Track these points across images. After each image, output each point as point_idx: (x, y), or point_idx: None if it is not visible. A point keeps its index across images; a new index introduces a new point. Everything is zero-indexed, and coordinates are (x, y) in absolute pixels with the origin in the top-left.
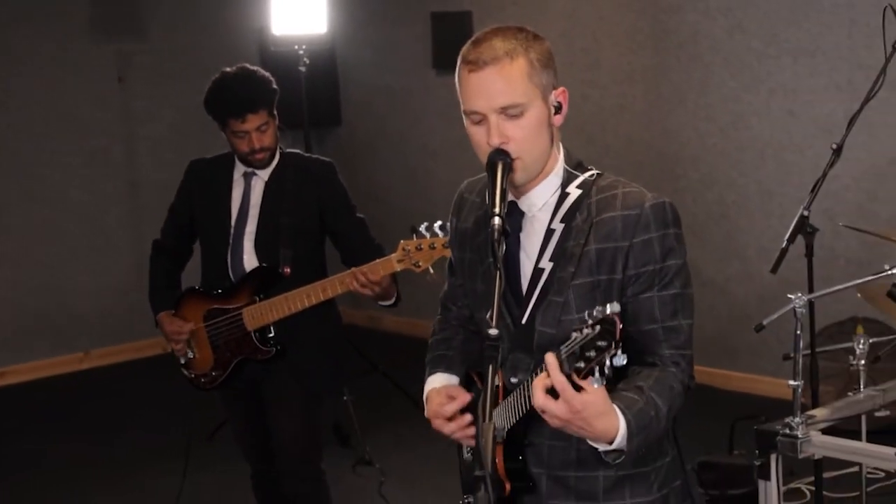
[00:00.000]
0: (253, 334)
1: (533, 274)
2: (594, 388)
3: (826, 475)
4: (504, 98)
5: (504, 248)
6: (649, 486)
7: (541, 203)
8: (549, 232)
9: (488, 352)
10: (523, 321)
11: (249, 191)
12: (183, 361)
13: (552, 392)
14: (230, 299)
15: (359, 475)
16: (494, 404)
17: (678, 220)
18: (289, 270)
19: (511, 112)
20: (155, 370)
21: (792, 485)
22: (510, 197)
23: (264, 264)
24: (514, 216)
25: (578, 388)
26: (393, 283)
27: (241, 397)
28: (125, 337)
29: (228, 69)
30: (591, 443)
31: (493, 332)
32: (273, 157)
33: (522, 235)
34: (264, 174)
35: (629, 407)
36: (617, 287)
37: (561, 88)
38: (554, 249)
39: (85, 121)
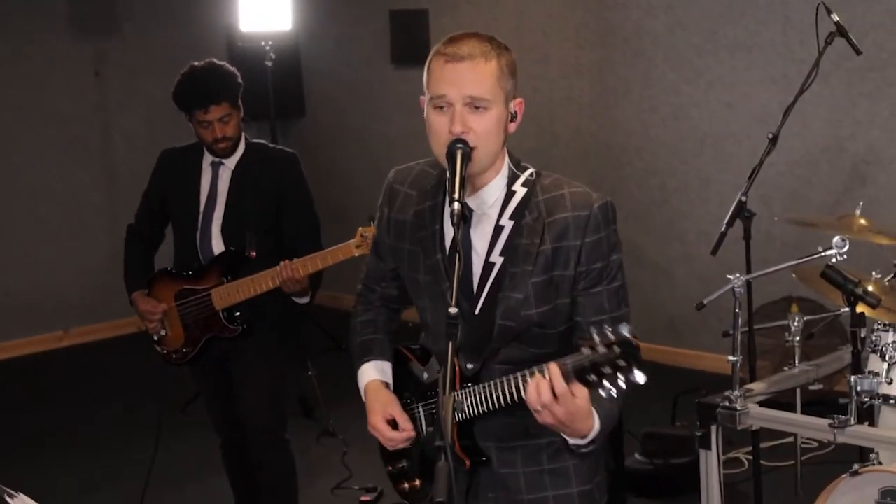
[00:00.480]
0: (221, 313)
1: (483, 268)
2: (583, 394)
3: (763, 445)
4: (474, 89)
5: (451, 232)
6: None
7: (491, 201)
8: (499, 228)
9: (449, 329)
10: (476, 312)
11: (217, 179)
12: (156, 339)
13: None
14: (200, 280)
15: (323, 445)
16: (453, 387)
17: (616, 216)
18: (255, 254)
19: (477, 104)
20: (131, 347)
21: (731, 454)
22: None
23: (232, 248)
24: (464, 213)
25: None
26: (309, 284)
27: (210, 373)
28: (102, 316)
29: (196, 63)
30: (566, 437)
31: (453, 310)
32: (236, 146)
33: (472, 231)
34: (231, 163)
35: (601, 406)
36: (569, 282)
37: (519, 99)
38: (504, 245)
39: (64, 113)
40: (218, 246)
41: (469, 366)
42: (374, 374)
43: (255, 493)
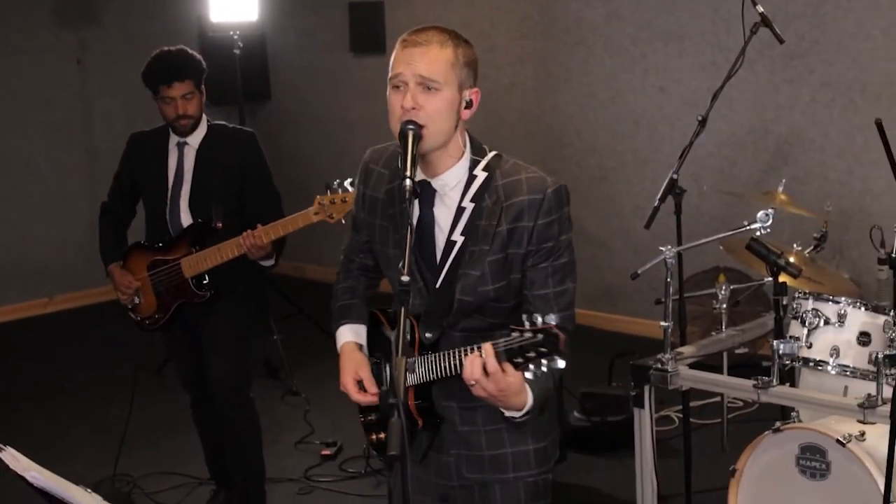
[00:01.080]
0: (190, 281)
1: (446, 245)
2: (514, 372)
3: (692, 404)
4: (424, 69)
5: (417, 209)
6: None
7: (453, 183)
8: (460, 209)
9: (400, 296)
10: (437, 285)
11: (183, 158)
12: (130, 307)
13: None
14: (170, 251)
15: (287, 404)
16: (411, 353)
17: (569, 199)
18: (221, 224)
19: (428, 85)
20: (111, 313)
21: (663, 412)
22: (422, 176)
23: (200, 220)
24: (428, 193)
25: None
26: (273, 248)
27: (181, 337)
28: (85, 284)
29: (167, 47)
30: (502, 409)
31: (405, 278)
32: (197, 125)
33: (436, 211)
34: (195, 143)
35: (536, 383)
36: (520, 259)
37: (476, 89)
38: (465, 225)
39: (49, 97)
40: (186, 219)
41: (428, 335)
42: (349, 336)
43: (223, 448)
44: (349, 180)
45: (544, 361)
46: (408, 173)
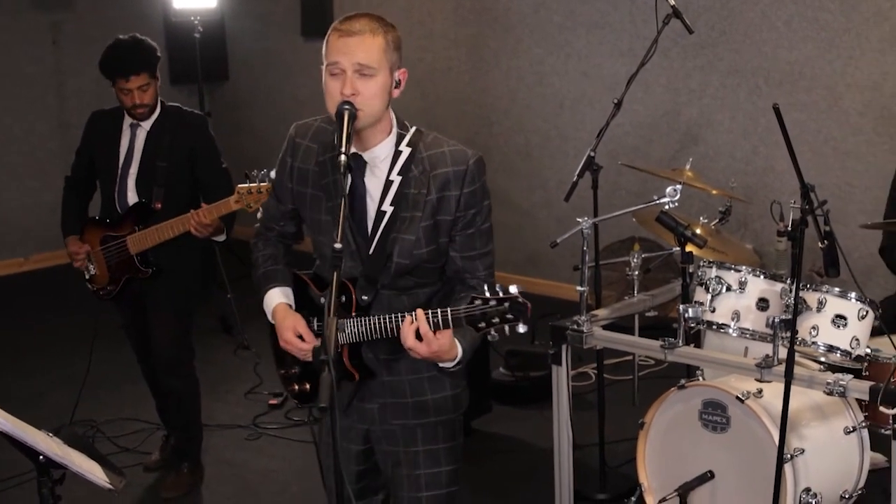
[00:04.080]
0: (135, 257)
1: (376, 215)
2: (445, 332)
3: (607, 362)
4: (362, 58)
5: (350, 180)
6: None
7: (382, 156)
8: (389, 182)
9: (333, 261)
10: (370, 252)
11: (134, 139)
12: (87, 277)
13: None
14: (118, 228)
15: (239, 357)
16: (348, 314)
17: (485, 169)
18: (159, 206)
19: (365, 72)
20: (80, 273)
21: (580, 369)
22: (355, 150)
23: (142, 200)
24: (360, 165)
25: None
26: (223, 224)
27: (130, 310)
28: (56, 245)
29: (121, 37)
30: (438, 363)
31: (338, 245)
32: (153, 111)
33: (367, 182)
34: (147, 125)
35: (464, 337)
36: (448, 225)
37: (403, 69)
38: (394, 196)
39: (26, 74)
40: (133, 198)
41: (364, 297)
42: (280, 298)
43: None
44: (265, 171)
45: (507, 326)
46: (343, 149)
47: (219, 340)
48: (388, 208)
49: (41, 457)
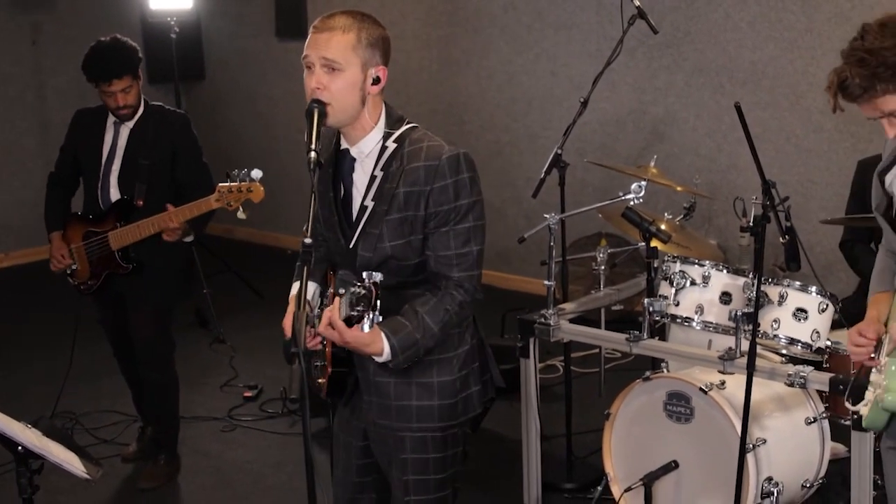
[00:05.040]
0: (116, 253)
1: (359, 209)
2: (362, 329)
3: (574, 355)
4: (326, 52)
5: (318, 174)
6: (452, 368)
7: (367, 151)
8: (373, 177)
9: (302, 256)
10: (351, 246)
11: (117, 137)
12: (69, 272)
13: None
14: (100, 224)
15: (214, 351)
16: (313, 302)
17: (472, 166)
18: (141, 202)
19: (332, 66)
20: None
21: (548, 362)
22: (345, 145)
23: (125, 197)
24: (348, 160)
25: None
26: (190, 227)
27: (109, 305)
28: (37, 241)
29: (103, 39)
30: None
31: (308, 241)
32: (136, 111)
33: (355, 177)
34: (130, 123)
35: (395, 332)
36: (420, 222)
37: (382, 66)
38: (375, 191)
39: (6, 73)
40: (115, 195)
41: (341, 290)
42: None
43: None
44: (246, 170)
45: (367, 316)
46: (312, 146)
47: (195, 334)
48: (369, 203)
49: (19, 447)
